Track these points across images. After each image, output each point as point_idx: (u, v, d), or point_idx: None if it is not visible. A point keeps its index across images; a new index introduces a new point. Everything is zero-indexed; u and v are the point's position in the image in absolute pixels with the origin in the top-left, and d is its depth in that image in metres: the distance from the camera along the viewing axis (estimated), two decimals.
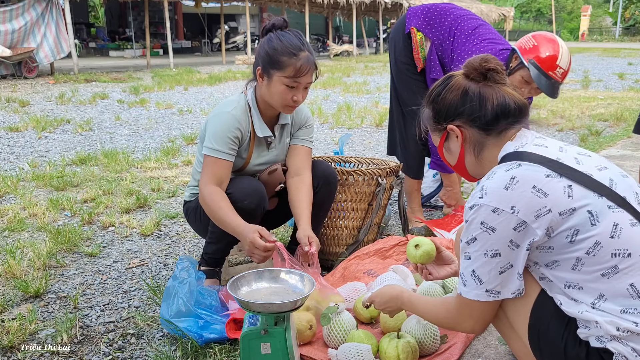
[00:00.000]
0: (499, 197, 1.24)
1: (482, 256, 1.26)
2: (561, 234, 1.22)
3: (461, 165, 1.47)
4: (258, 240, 1.88)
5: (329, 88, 10.66)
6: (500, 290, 1.28)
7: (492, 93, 1.38)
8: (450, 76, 1.45)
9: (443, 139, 1.47)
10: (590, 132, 5.95)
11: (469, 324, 1.35)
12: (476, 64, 1.39)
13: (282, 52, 1.99)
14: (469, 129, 1.40)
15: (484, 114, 1.37)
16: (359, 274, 2.44)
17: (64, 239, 2.82)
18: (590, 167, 1.29)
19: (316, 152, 5.16)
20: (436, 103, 1.45)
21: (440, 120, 1.44)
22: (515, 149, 1.34)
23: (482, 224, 1.25)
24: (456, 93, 1.40)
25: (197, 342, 1.85)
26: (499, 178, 1.26)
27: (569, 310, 1.24)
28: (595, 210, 1.21)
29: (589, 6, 43.73)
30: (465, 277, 1.30)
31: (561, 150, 1.32)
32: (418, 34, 2.96)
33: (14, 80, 11.10)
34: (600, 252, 1.20)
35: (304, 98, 2.10)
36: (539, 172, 1.25)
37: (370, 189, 2.61)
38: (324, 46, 23.45)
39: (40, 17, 11.87)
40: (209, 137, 2.07)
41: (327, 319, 1.82)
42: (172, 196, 3.71)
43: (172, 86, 10.53)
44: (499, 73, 1.40)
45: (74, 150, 5.08)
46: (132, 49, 21.02)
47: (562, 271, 1.25)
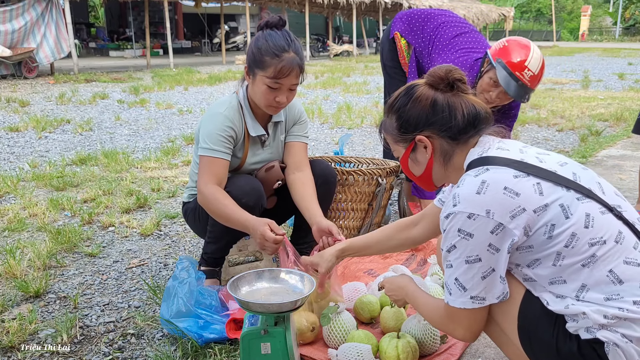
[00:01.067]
0: (473, 203, 1.25)
1: (463, 263, 1.27)
2: (538, 231, 1.24)
3: (427, 175, 1.47)
4: (269, 233, 1.88)
5: (329, 88, 10.65)
6: (485, 296, 1.28)
7: (460, 102, 1.39)
8: (413, 85, 1.44)
9: (409, 150, 1.45)
10: (590, 132, 5.95)
11: (459, 332, 1.36)
12: (442, 74, 1.39)
13: (266, 52, 1.98)
14: (438, 139, 1.40)
15: (455, 123, 1.38)
16: (359, 273, 2.44)
17: (64, 239, 2.82)
18: (553, 163, 1.31)
19: (316, 152, 5.17)
20: (403, 113, 1.42)
21: (408, 131, 1.42)
22: (479, 154, 1.35)
23: (460, 231, 1.26)
24: (425, 103, 1.39)
25: (197, 342, 1.85)
26: (470, 184, 1.27)
27: (555, 308, 1.25)
28: (567, 203, 1.24)
29: (589, 6, 43.74)
30: (450, 286, 1.31)
31: (522, 151, 1.35)
32: (402, 40, 2.97)
33: (14, 80, 11.11)
34: (577, 243, 1.22)
35: (289, 100, 2.07)
36: (507, 173, 1.27)
37: (370, 189, 2.61)
38: (324, 46, 23.45)
39: (40, 17, 11.87)
40: (203, 138, 2.07)
41: (327, 319, 1.82)
42: (172, 196, 3.71)
43: (172, 86, 10.54)
44: (465, 83, 1.41)
45: (74, 150, 5.08)
46: (132, 49, 21.02)
47: (543, 268, 1.26)
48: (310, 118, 7.07)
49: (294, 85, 2.03)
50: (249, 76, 2.07)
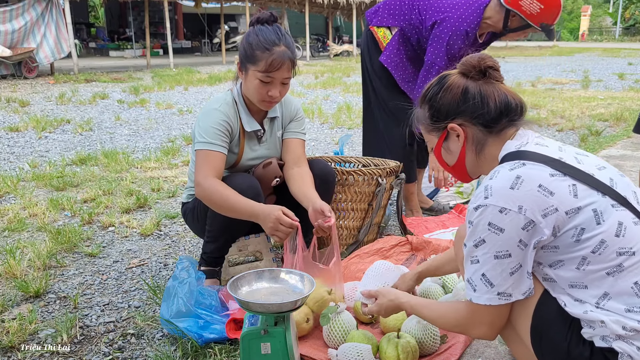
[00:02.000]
0: (505, 197, 1.22)
1: (491, 258, 1.24)
2: (567, 233, 1.21)
3: (460, 165, 1.45)
4: (284, 217, 1.88)
5: (329, 88, 10.65)
6: (512, 292, 1.25)
7: (492, 90, 1.38)
8: (446, 75, 1.44)
9: (442, 139, 1.45)
10: (590, 132, 5.95)
11: (481, 330, 1.32)
12: (474, 62, 1.38)
13: (257, 47, 2.00)
14: (471, 127, 1.39)
15: (487, 111, 1.36)
16: (359, 273, 2.44)
17: (64, 239, 2.82)
18: (590, 166, 1.29)
19: (316, 152, 5.17)
20: (434, 102, 1.42)
21: (439, 120, 1.42)
22: (516, 148, 1.33)
23: (490, 225, 1.23)
24: (456, 91, 1.39)
25: (197, 342, 1.85)
26: (504, 177, 1.25)
27: (573, 311, 1.23)
28: (600, 208, 1.21)
29: (589, 6, 43.73)
30: (475, 282, 1.27)
31: (560, 149, 1.32)
32: (379, 30, 2.98)
33: (14, 80, 11.11)
34: (605, 250, 1.19)
35: (282, 94, 2.09)
36: (544, 171, 1.24)
37: (370, 189, 2.61)
38: (324, 46, 23.44)
39: (40, 17, 11.87)
40: (199, 133, 2.07)
41: (327, 319, 1.82)
42: (172, 196, 3.71)
43: (172, 86, 10.53)
44: (497, 70, 1.40)
45: (74, 150, 5.08)
46: (132, 49, 21.03)
47: (566, 271, 1.24)
48: (310, 118, 7.07)
49: (286, 79, 2.05)
50: (242, 72, 2.09)
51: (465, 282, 1.31)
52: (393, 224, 3.19)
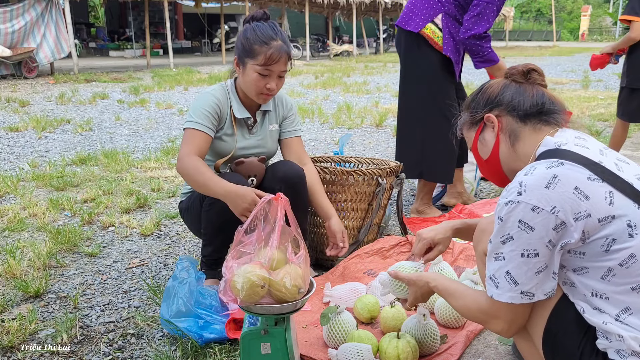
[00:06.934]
0: (539, 195, 1.19)
1: (518, 256, 1.21)
2: (596, 241, 1.19)
3: (494, 158, 1.44)
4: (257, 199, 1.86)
5: (329, 88, 10.65)
6: (535, 292, 1.22)
7: (531, 88, 1.41)
8: (488, 81, 1.51)
9: (479, 132, 1.46)
10: (590, 132, 5.95)
11: (499, 326, 1.30)
12: (519, 67, 1.44)
13: (255, 41, 2.08)
14: (506, 117, 1.41)
15: (523, 101, 1.38)
16: (359, 273, 2.44)
17: (64, 239, 2.82)
18: (630, 175, 1.24)
19: (316, 152, 5.17)
20: (474, 102, 1.48)
21: (477, 110, 1.45)
22: (556, 145, 1.30)
23: (520, 222, 1.20)
24: (496, 87, 1.44)
25: (197, 342, 1.85)
26: (540, 175, 1.21)
27: (591, 319, 1.20)
28: (635, 221, 1.17)
29: (589, 6, 43.74)
30: (498, 279, 1.24)
31: (602, 153, 1.28)
32: (426, 28, 2.98)
33: (14, 80, 11.10)
34: (634, 265, 1.16)
35: (279, 87, 2.16)
36: (582, 173, 1.20)
37: (370, 189, 2.61)
38: (324, 46, 23.43)
39: (40, 17, 11.87)
40: (189, 114, 2.15)
41: (326, 319, 1.82)
42: (172, 196, 3.71)
43: (172, 86, 10.53)
44: (541, 75, 1.42)
45: (74, 150, 5.08)
46: (132, 49, 21.01)
47: (590, 279, 1.21)
48: (310, 118, 7.07)
49: (282, 72, 2.13)
50: (239, 67, 2.17)
51: (487, 279, 1.28)
52: (393, 224, 3.19)
